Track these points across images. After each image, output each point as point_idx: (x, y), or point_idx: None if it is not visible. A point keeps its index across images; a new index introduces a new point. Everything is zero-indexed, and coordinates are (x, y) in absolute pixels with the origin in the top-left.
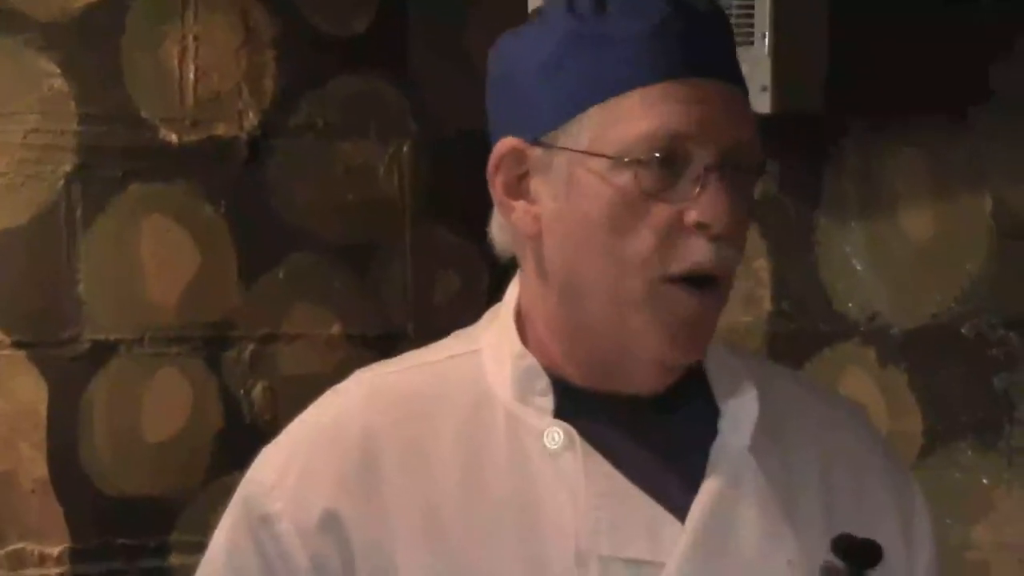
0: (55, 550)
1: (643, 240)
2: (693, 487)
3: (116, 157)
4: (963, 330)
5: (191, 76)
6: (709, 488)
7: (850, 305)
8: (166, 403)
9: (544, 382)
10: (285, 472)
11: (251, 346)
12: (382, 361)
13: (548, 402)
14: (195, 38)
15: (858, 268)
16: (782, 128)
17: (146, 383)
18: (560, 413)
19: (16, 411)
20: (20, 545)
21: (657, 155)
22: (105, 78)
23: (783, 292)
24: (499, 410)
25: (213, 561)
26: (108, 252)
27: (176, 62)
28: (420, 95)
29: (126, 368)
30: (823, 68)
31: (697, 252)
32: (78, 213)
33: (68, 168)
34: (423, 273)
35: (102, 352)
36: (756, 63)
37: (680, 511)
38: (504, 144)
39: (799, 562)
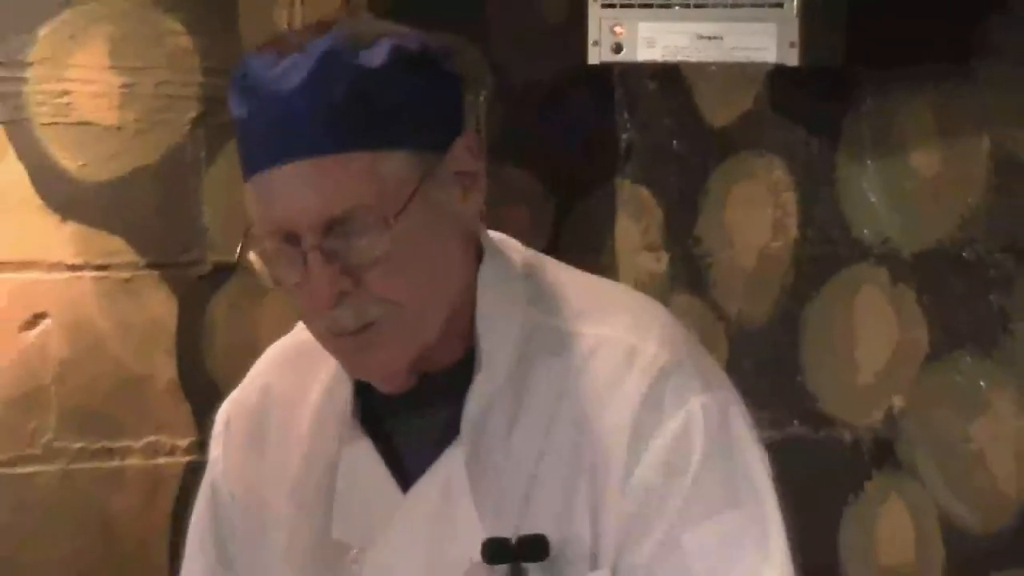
0: (184, 442)
1: (299, 305)
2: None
3: None
4: (964, 254)
5: None
6: (425, 480)
7: (865, 231)
8: (279, 316)
9: None
10: (223, 423)
11: None
12: None
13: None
14: (302, 1)
15: (872, 199)
16: (807, 79)
17: (260, 299)
18: (363, 389)
19: (150, 323)
20: (154, 438)
21: (268, 244)
22: (224, 36)
23: (808, 221)
24: (347, 381)
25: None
26: (226, 186)
27: (285, 23)
28: (495, 50)
29: (243, 286)
30: (843, 26)
31: (319, 323)
32: (201, 153)
33: (193, 115)
34: (494, 206)
35: (222, 272)
36: (785, 22)
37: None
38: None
39: (479, 561)
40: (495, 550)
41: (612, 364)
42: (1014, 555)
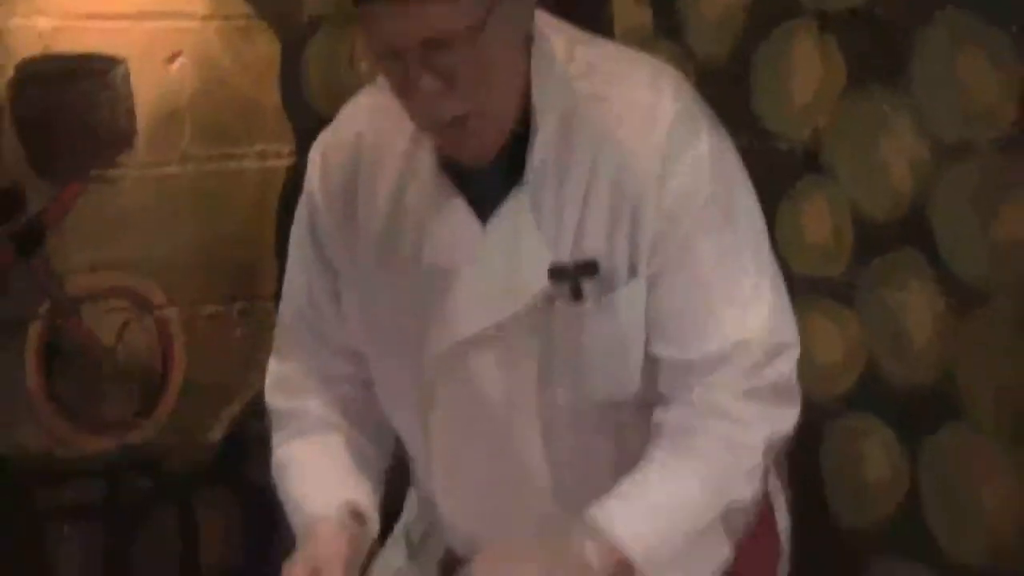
0: (286, 149)
1: (404, 105)
2: None
3: None
4: (875, 11)
5: None
6: (499, 217)
7: None
8: (362, 56)
9: None
10: (320, 156)
11: None
12: None
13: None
14: None
15: None
16: None
17: (346, 44)
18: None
19: (260, 60)
20: (264, 146)
21: (379, 57)
22: None
23: None
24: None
25: None
26: None
27: None
28: None
29: (331, 34)
30: None
31: (419, 118)
32: None
33: None
34: None
35: (316, 23)
36: None
37: None
38: None
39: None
40: (557, 272)
41: (639, 118)
42: (904, 236)
